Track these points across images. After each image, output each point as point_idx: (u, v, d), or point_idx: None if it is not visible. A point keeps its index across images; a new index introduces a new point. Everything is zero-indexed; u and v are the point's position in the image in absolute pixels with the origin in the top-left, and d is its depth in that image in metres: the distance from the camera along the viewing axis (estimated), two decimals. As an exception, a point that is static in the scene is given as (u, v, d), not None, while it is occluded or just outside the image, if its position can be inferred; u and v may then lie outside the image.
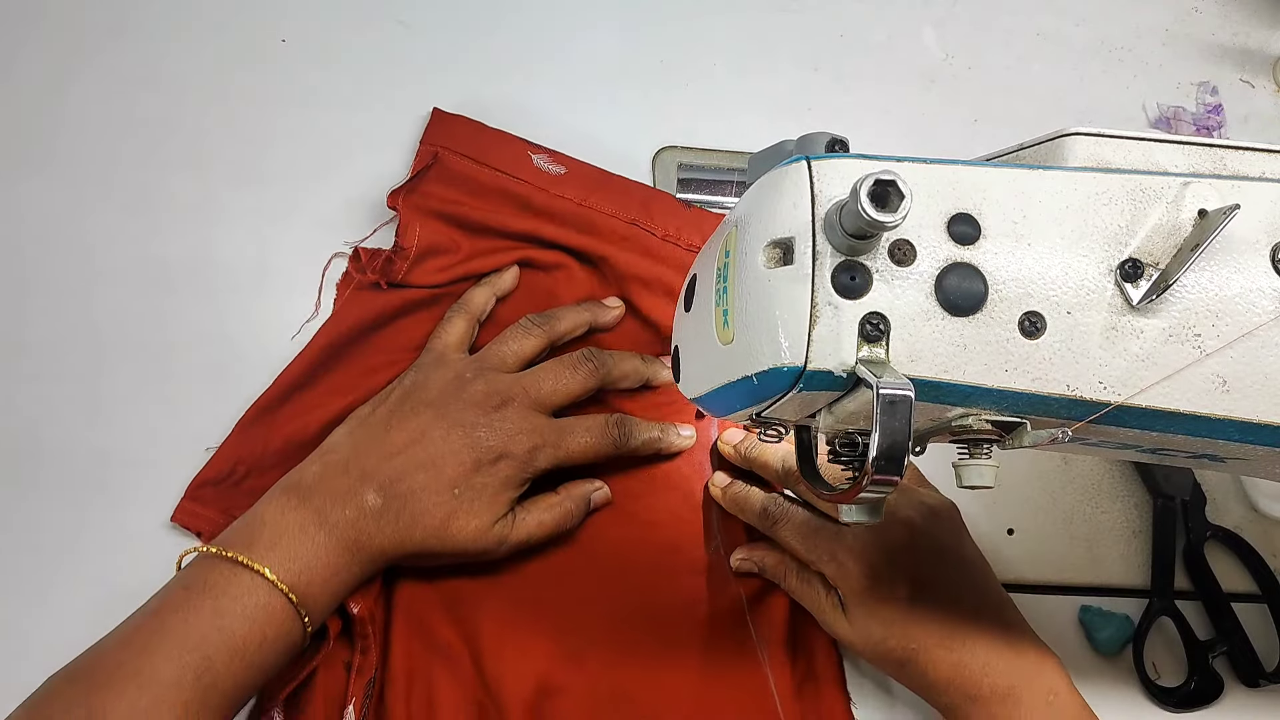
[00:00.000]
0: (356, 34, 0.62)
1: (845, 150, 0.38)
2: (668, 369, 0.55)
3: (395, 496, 0.46)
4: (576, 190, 0.57)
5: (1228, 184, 0.35)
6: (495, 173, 0.57)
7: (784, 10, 0.67)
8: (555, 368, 0.52)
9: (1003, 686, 0.47)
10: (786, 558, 0.53)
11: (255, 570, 0.43)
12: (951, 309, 0.32)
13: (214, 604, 0.42)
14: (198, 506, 0.51)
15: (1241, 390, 0.33)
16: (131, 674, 0.40)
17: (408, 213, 0.56)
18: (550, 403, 0.51)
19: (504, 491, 0.49)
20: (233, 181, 0.58)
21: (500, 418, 0.49)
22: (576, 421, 0.52)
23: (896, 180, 0.29)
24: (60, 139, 0.57)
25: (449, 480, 0.47)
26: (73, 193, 0.56)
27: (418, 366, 0.52)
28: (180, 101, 0.59)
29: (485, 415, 0.49)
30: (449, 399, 0.49)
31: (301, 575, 0.44)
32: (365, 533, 0.46)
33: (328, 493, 0.46)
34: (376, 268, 0.55)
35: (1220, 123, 0.68)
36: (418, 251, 0.55)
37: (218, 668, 0.42)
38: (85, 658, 0.42)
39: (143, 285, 0.55)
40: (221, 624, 0.42)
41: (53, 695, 0.41)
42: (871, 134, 0.64)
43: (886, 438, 0.29)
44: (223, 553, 0.44)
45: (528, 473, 0.50)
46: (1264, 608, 0.58)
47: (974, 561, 0.51)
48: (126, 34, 0.60)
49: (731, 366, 0.35)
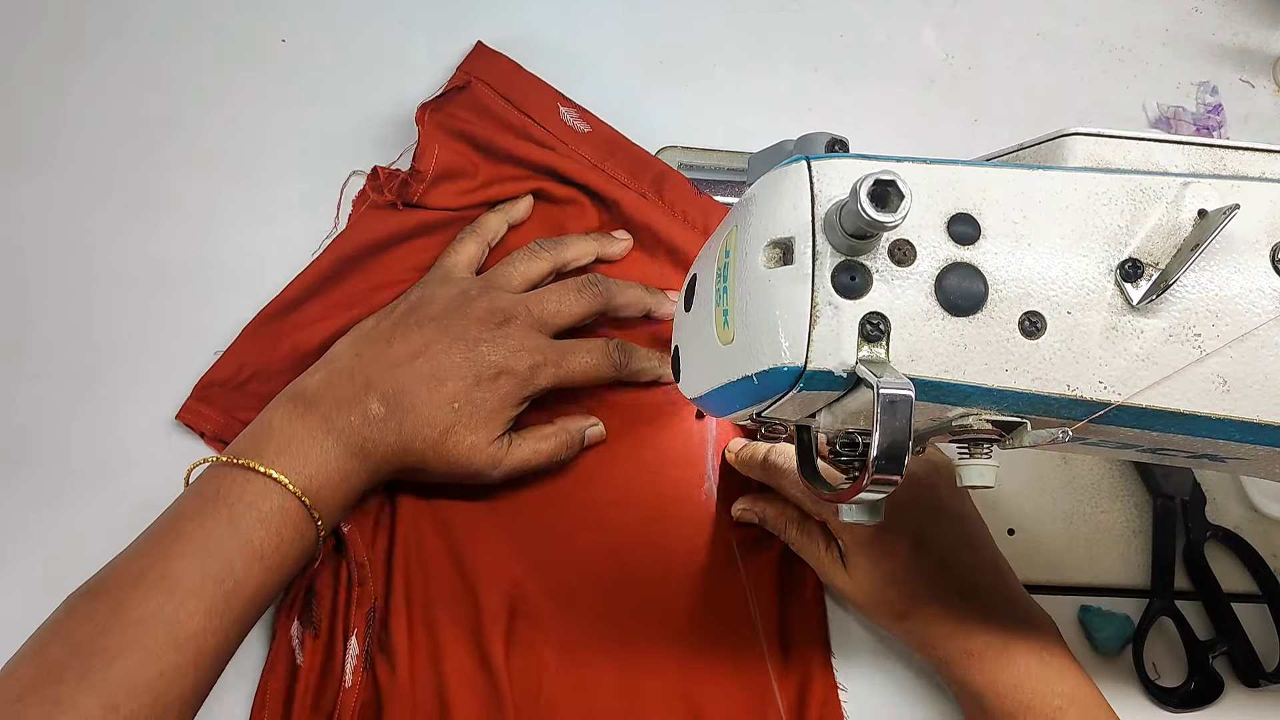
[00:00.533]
0: (357, 34, 0.62)
1: (845, 150, 0.38)
2: (671, 301, 0.56)
3: (397, 408, 0.47)
4: (595, 151, 0.59)
5: (1228, 184, 0.35)
6: (522, 116, 0.58)
7: (784, 10, 0.67)
8: (560, 289, 0.52)
9: (998, 642, 0.48)
10: (788, 510, 0.53)
11: (268, 475, 0.44)
12: (952, 309, 0.32)
13: (229, 511, 0.43)
14: (202, 406, 0.53)
15: (1241, 390, 0.33)
16: (155, 580, 0.41)
17: (428, 133, 0.57)
18: (553, 323, 0.51)
19: (503, 409, 0.49)
20: (233, 181, 0.58)
21: (502, 334, 0.49)
22: (578, 343, 0.52)
23: (896, 180, 0.29)
24: (60, 138, 0.57)
25: (449, 395, 0.48)
26: (73, 192, 0.57)
27: (424, 283, 0.53)
28: (180, 101, 0.59)
29: (488, 331, 0.49)
30: (453, 314, 0.49)
31: (312, 480, 0.45)
32: (370, 439, 0.47)
33: (333, 400, 0.47)
34: (393, 189, 0.56)
35: (1220, 123, 0.68)
36: (434, 175, 0.56)
37: (238, 572, 0.42)
38: (104, 572, 0.42)
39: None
40: (238, 529, 0.43)
41: (75, 611, 0.41)
42: (871, 134, 0.64)
43: (887, 438, 0.29)
44: (234, 460, 0.44)
45: (527, 391, 0.50)
46: (1264, 608, 0.58)
47: (973, 518, 0.52)
48: (127, 34, 0.60)
49: (732, 366, 0.35)
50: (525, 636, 0.51)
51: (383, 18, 0.62)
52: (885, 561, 0.49)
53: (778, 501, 0.54)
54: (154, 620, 0.40)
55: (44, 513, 0.51)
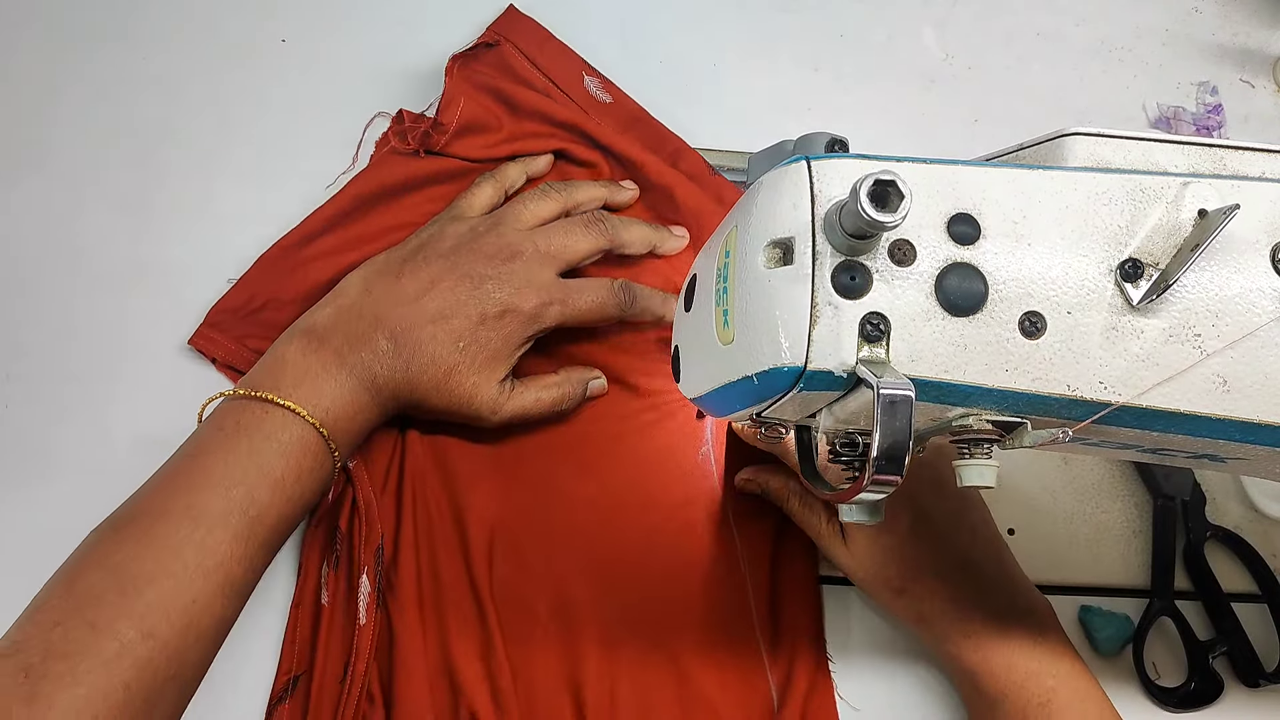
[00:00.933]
0: (357, 34, 0.62)
1: (845, 150, 0.38)
2: (676, 238, 0.57)
3: (405, 345, 0.48)
4: (615, 123, 0.60)
5: (1228, 184, 0.35)
6: (546, 81, 0.59)
7: (784, 10, 0.67)
8: (566, 225, 0.53)
9: (994, 621, 0.48)
10: (791, 482, 0.53)
11: (286, 407, 0.45)
12: (951, 309, 0.32)
13: (249, 443, 0.44)
14: (215, 333, 0.54)
15: (1242, 390, 0.33)
16: (182, 510, 0.41)
17: (455, 85, 0.58)
18: (561, 258, 0.52)
19: (506, 348, 0.50)
20: (231, 182, 0.58)
21: (509, 270, 0.50)
22: (584, 282, 0.53)
23: (896, 180, 0.29)
24: (58, 139, 0.57)
25: (455, 333, 0.48)
26: (71, 193, 0.57)
27: (436, 220, 0.54)
28: (180, 101, 0.59)
29: (495, 267, 0.49)
30: (461, 250, 0.50)
31: (329, 412, 0.46)
32: (380, 375, 0.48)
33: (344, 334, 0.48)
34: (416, 137, 0.57)
35: (1220, 123, 0.68)
36: (458, 127, 0.57)
37: (261, 502, 0.43)
38: (128, 505, 0.43)
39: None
40: (259, 460, 0.44)
41: (102, 541, 0.41)
42: (871, 134, 0.64)
43: (887, 438, 0.29)
44: (251, 394, 0.45)
45: (532, 329, 0.50)
46: (1264, 608, 0.58)
47: (974, 500, 0.52)
48: (127, 34, 0.60)
49: (732, 366, 0.35)
50: (516, 589, 0.52)
51: (382, 18, 0.62)
52: (884, 537, 0.49)
53: (781, 473, 0.54)
54: (184, 548, 0.41)
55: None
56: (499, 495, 0.53)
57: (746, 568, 0.54)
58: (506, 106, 0.59)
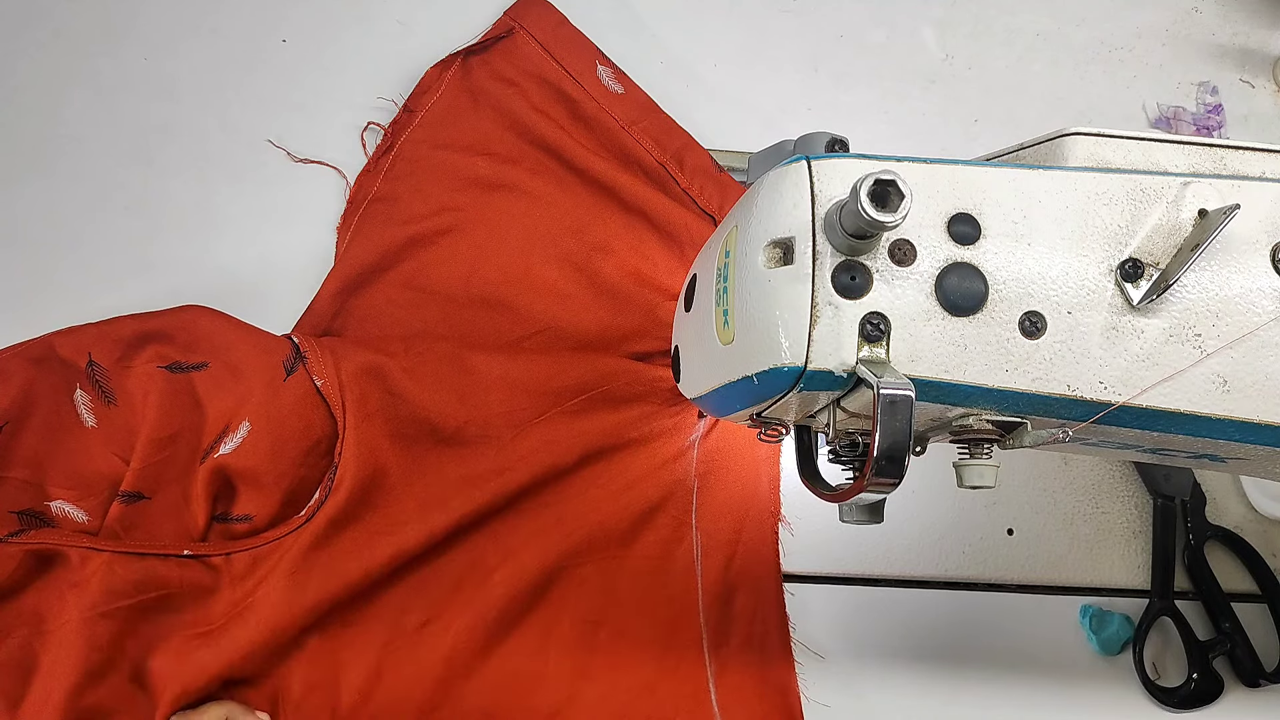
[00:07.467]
0: (357, 34, 0.62)
1: (845, 150, 0.38)
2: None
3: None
4: (624, 113, 0.60)
5: (1228, 184, 0.35)
6: (559, 69, 0.60)
7: (784, 10, 0.67)
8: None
9: None
10: None
11: None
12: (952, 309, 0.32)
13: None
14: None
15: (1242, 390, 0.33)
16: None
17: (433, 75, 0.59)
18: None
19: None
20: (232, 181, 0.58)
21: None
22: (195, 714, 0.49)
23: (896, 180, 0.29)
24: (58, 139, 0.57)
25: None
26: (73, 193, 0.57)
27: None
28: (179, 101, 0.59)
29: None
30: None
31: None
32: None
33: None
34: (387, 133, 0.58)
35: (1220, 123, 0.68)
36: (426, 117, 0.59)
37: None
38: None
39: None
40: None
41: None
42: (871, 134, 0.64)
43: (887, 438, 0.29)
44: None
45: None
46: (1264, 608, 0.58)
47: None
48: (126, 35, 0.60)
49: (732, 366, 0.35)
50: (469, 553, 0.52)
51: (382, 18, 0.62)
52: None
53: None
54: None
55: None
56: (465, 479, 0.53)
57: (701, 564, 0.54)
58: (490, 115, 0.59)
